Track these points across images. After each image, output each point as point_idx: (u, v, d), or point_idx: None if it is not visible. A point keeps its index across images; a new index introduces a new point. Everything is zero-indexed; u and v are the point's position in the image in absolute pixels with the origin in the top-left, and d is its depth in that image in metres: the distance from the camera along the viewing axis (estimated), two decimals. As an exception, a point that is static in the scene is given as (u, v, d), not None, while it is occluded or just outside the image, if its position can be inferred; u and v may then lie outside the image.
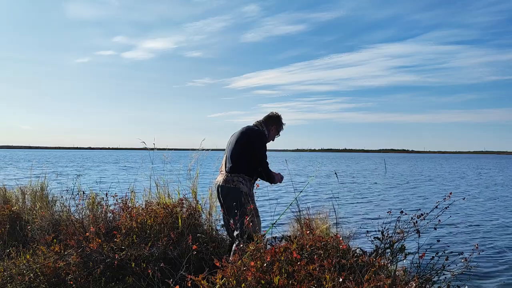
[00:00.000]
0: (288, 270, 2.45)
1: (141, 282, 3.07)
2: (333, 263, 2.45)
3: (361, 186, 18.28)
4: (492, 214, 10.48)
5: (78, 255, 3.17)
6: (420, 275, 2.84)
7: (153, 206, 4.25)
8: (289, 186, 16.14)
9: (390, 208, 11.10)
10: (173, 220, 3.93)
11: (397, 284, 2.43)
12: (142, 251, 3.34)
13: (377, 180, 22.65)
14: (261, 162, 3.72)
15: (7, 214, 4.73)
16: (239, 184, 3.63)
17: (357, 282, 2.30)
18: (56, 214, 4.79)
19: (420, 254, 2.87)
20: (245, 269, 2.42)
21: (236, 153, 3.73)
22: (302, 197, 11.39)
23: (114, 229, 3.68)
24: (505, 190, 17.31)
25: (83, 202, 4.62)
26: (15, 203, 5.68)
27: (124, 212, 4.11)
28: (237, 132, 3.89)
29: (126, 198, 4.49)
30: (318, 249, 2.76)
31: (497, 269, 5.57)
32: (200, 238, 3.90)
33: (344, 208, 10.99)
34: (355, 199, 13.28)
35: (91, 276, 3.09)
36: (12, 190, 6.43)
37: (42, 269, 3.06)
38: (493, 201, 13.31)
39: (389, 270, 2.83)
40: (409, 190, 16.79)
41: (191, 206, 4.23)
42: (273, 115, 4.02)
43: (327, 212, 5.53)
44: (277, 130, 4.04)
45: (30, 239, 4.30)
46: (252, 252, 2.62)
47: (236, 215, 3.47)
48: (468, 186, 19.14)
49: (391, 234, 3.17)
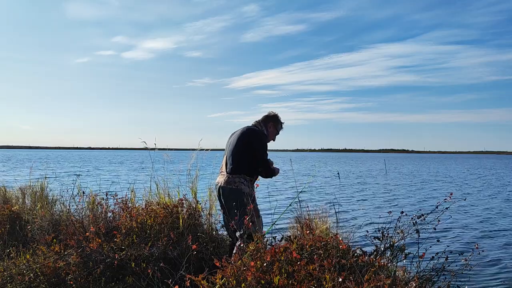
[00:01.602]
0: (288, 270, 2.45)
1: (141, 282, 3.07)
2: (333, 263, 2.45)
3: (361, 186, 18.27)
4: (492, 214, 10.48)
5: (78, 255, 3.16)
6: (420, 275, 2.84)
7: (153, 206, 4.25)
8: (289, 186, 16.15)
9: (390, 208, 11.10)
10: (173, 220, 3.93)
11: (397, 284, 2.43)
12: (142, 251, 3.34)
13: (377, 180, 22.64)
14: (262, 162, 3.72)
15: (7, 214, 4.72)
16: (241, 185, 3.63)
17: (357, 282, 2.30)
18: (56, 214, 4.79)
19: (420, 254, 2.87)
20: (245, 269, 2.42)
21: (237, 154, 3.72)
22: (302, 197, 11.39)
23: (114, 229, 3.68)
24: (506, 190, 17.29)
25: (83, 202, 4.61)
26: (15, 203, 5.68)
27: (124, 212, 4.11)
28: (237, 132, 3.88)
29: (126, 198, 4.49)
30: (318, 249, 2.75)
31: (497, 269, 5.57)
32: (200, 238, 3.90)
33: (344, 208, 10.99)
34: (355, 199, 13.28)
35: (91, 276, 3.08)
36: (12, 190, 6.43)
37: (42, 269, 3.06)
38: (493, 201, 13.30)
39: (389, 270, 2.82)
40: (410, 191, 16.79)
41: (191, 206, 4.22)
42: (271, 115, 4.03)
43: (327, 212, 5.53)
44: (276, 129, 4.04)
45: (30, 239, 4.30)
46: (252, 252, 2.62)
47: (237, 215, 3.47)
48: (468, 186, 19.14)
49: (391, 234, 3.16)
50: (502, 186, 19.34)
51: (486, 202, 13.13)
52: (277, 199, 9.52)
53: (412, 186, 18.76)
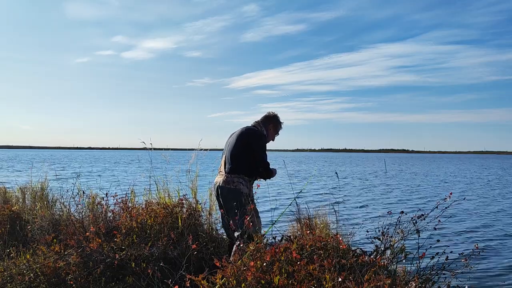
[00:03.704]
0: (288, 270, 2.45)
1: (141, 282, 3.07)
2: (333, 263, 2.45)
3: (361, 186, 18.27)
4: (492, 214, 10.48)
5: (78, 255, 3.16)
6: (420, 275, 2.84)
7: (153, 206, 4.25)
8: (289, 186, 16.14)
9: (390, 208, 11.10)
10: (173, 220, 3.93)
11: (397, 284, 2.43)
12: (142, 251, 3.34)
13: (377, 180, 22.64)
14: (262, 162, 3.72)
15: (7, 214, 4.72)
16: (239, 185, 3.63)
17: (357, 282, 2.30)
18: (56, 214, 4.79)
19: (420, 254, 2.87)
20: (245, 269, 2.42)
21: (236, 154, 3.72)
22: (302, 197, 11.39)
23: (114, 229, 3.68)
24: (507, 190, 17.29)
25: (83, 201, 4.61)
26: (15, 203, 5.68)
27: (124, 212, 4.11)
28: (236, 133, 3.88)
29: (126, 198, 4.49)
30: (318, 249, 2.76)
31: (497, 269, 5.57)
32: (200, 238, 3.90)
33: (344, 208, 10.99)
34: (355, 199, 13.27)
35: (91, 276, 3.08)
36: (12, 190, 6.44)
37: (42, 269, 3.06)
38: (494, 201, 13.30)
39: (389, 270, 2.83)
40: (410, 191, 16.78)
41: (191, 206, 4.23)
42: (270, 115, 4.03)
43: (327, 212, 5.53)
44: (275, 129, 4.04)
45: (30, 239, 4.30)
46: (252, 252, 2.62)
47: (236, 215, 3.47)
48: (469, 186, 19.14)
49: (391, 234, 3.16)
50: (504, 187, 19.33)
51: (487, 201, 13.13)
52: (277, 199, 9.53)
53: (414, 187, 18.75)
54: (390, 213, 3.39)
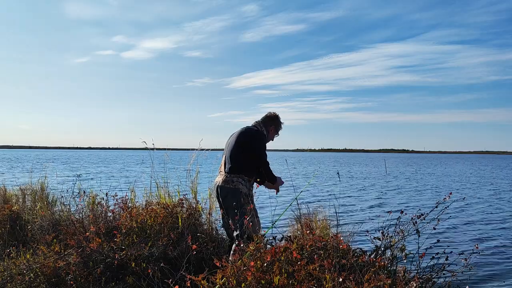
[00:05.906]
0: (288, 270, 2.45)
1: (141, 282, 3.07)
2: (333, 263, 2.45)
3: (362, 186, 18.27)
4: (492, 214, 10.48)
5: (78, 255, 3.17)
6: (420, 275, 2.84)
7: (153, 206, 4.26)
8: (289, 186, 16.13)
9: (390, 208, 11.10)
10: (173, 220, 3.93)
11: (397, 284, 2.43)
12: (142, 251, 3.34)
13: (378, 180, 22.64)
14: (262, 162, 3.72)
15: (7, 214, 4.73)
16: (239, 184, 3.63)
17: (357, 282, 2.30)
18: (56, 214, 4.79)
19: (420, 254, 2.87)
20: (245, 269, 2.42)
21: (236, 154, 3.72)
22: (302, 197, 11.39)
23: (114, 229, 3.68)
24: (507, 190, 17.29)
25: (83, 201, 4.62)
26: (15, 203, 5.68)
27: (124, 212, 4.11)
28: (236, 133, 3.89)
29: (126, 198, 4.49)
30: (318, 249, 2.76)
31: (497, 269, 5.57)
32: (200, 238, 3.90)
33: (345, 208, 10.99)
34: (355, 199, 13.28)
35: (91, 276, 3.08)
36: (12, 190, 6.43)
37: (42, 269, 3.06)
38: (494, 201, 13.29)
39: (389, 270, 2.82)
40: (410, 191, 16.78)
41: (191, 206, 4.23)
42: (271, 115, 4.03)
43: (327, 212, 5.53)
44: (275, 129, 4.05)
45: (30, 239, 4.31)
46: (252, 252, 2.62)
47: (235, 215, 3.47)
48: (469, 186, 19.13)
49: (391, 234, 3.16)
50: (506, 186, 19.32)
51: (487, 201, 13.13)
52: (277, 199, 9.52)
53: (414, 187, 18.75)
54: (391, 213, 3.39)
